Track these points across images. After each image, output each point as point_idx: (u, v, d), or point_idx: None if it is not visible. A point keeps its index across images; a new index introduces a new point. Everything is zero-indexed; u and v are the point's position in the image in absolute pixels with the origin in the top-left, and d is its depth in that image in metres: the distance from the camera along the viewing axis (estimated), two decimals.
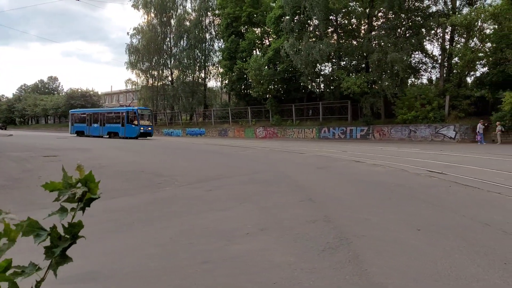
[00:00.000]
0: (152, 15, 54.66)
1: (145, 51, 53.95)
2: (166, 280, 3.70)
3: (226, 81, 46.77)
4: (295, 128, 38.26)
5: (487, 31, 28.82)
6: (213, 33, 53.47)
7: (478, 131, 25.58)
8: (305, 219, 5.97)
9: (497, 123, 25.01)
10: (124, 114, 37.69)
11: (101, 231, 5.55)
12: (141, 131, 36.20)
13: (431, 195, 7.74)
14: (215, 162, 16.05)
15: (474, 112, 28.84)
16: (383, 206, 6.83)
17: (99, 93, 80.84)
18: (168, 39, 55.56)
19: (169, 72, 55.91)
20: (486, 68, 29.98)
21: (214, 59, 53.72)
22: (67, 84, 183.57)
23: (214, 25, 53.17)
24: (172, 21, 54.48)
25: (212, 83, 72.81)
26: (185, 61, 52.16)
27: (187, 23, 53.21)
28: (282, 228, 5.56)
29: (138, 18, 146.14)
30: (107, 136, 38.71)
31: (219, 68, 50.31)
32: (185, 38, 53.40)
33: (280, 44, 36.11)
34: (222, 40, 48.80)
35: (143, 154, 19.32)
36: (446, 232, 5.10)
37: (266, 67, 38.47)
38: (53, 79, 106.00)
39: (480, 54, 28.75)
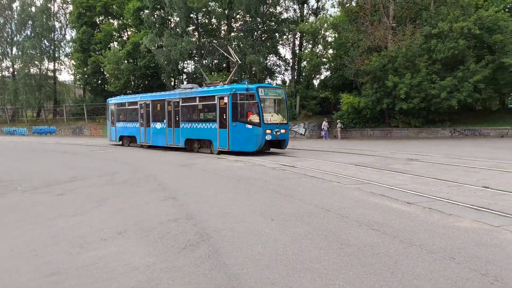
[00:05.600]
0: None
1: None
2: None
3: (80, 75, 43.01)
4: None
5: (329, 39, 32.65)
6: (64, 21, 48.58)
7: (323, 128, 28.82)
8: (167, 218, 5.93)
9: (338, 121, 28.53)
10: (226, 98, 15.95)
11: None
12: (268, 136, 15.49)
13: (283, 186, 8.45)
14: (68, 163, 14.68)
15: (320, 111, 32.42)
16: (242, 199, 7.20)
17: None
18: (8, 25, 48.48)
19: (10, 63, 48.91)
20: (329, 72, 33.91)
21: (67, 50, 48.93)
22: None
23: (65, 13, 48.32)
24: (14, 5, 47.79)
25: (65, 77, 66.05)
26: (30, 51, 46.22)
27: (33, 9, 47.21)
28: (142, 229, 5.42)
29: None
30: (184, 148, 18.56)
31: (72, 60, 46.02)
32: (29, 26, 47.27)
33: (140, 38, 34.77)
34: (74, 30, 44.67)
35: None
36: (295, 220, 5.64)
37: (125, 61, 36.61)
38: None
39: (324, 60, 32.39)
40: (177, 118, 18.77)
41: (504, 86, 24.49)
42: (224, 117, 16.04)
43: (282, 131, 16.08)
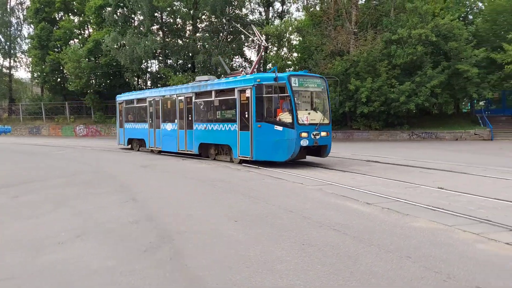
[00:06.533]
0: None
1: None
2: None
3: (38, 73, 41.29)
4: None
5: (294, 42, 33.05)
6: (21, 17, 46.48)
7: None
8: (128, 220, 5.81)
9: None
10: (248, 91, 12.32)
11: None
12: (304, 141, 11.59)
13: (248, 187, 8.48)
14: (25, 164, 14.06)
15: None
16: (206, 201, 7.16)
17: None
18: None
19: None
20: None
21: (24, 46, 46.81)
22: None
23: (22, 8, 46.22)
24: None
25: (22, 74, 63.16)
26: None
27: None
28: (102, 232, 5.29)
29: None
30: (198, 154, 15.03)
31: (29, 57, 44.07)
32: None
33: (102, 37, 33.81)
34: (32, 26, 42.78)
35: None
36: (258, 221, 5.68)
37: (86, 59, 35.49)
38: None
39: (289, 62, 32.74)
40: (189, 118, 15.27)
41: (459, 92, 25.73)
42: (246, 116, 12.42)
43: (323, 134, 12.12)
